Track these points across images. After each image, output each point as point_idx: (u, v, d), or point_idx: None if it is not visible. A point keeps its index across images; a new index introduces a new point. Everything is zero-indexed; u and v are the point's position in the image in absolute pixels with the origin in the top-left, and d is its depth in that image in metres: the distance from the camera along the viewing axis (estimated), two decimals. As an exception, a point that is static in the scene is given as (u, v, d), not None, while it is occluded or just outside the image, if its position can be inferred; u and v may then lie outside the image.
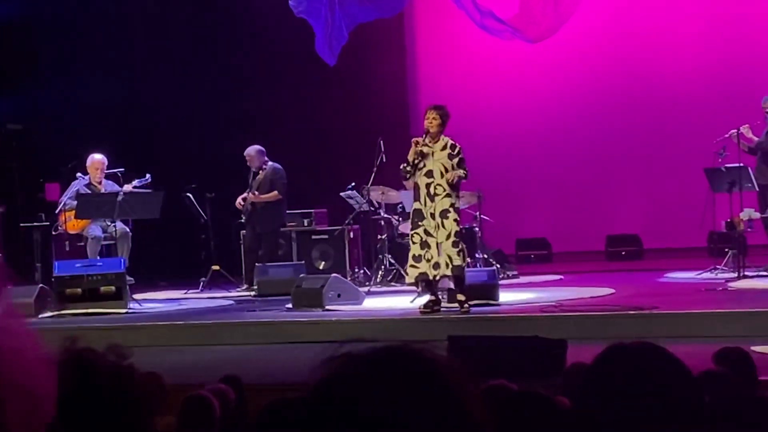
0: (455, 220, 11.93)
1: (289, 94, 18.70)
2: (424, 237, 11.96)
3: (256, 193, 15.99)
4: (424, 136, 12.08)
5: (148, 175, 14.95)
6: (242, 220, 16.33)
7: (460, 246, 11.95)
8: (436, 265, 11.88)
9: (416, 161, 12.00)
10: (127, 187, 14.80)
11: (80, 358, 2.04)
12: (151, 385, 5.49)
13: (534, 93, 19.20)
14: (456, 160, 11.96)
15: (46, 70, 18.22)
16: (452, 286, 12.08)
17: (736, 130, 14.75)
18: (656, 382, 2.68)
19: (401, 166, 12.20)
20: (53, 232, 15.23)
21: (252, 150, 16.18)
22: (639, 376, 2.68)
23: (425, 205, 11.98)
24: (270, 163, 16.19)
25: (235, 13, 18.62)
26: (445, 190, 11.91)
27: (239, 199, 16.18)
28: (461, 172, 11.95)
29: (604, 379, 2.70)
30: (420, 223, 12.02)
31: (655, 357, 2.76)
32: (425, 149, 11.99)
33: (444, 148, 11.99)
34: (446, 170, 11.93)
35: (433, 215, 11.92)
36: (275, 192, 16.07)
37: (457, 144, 12.06)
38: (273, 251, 16.26)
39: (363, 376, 1.88)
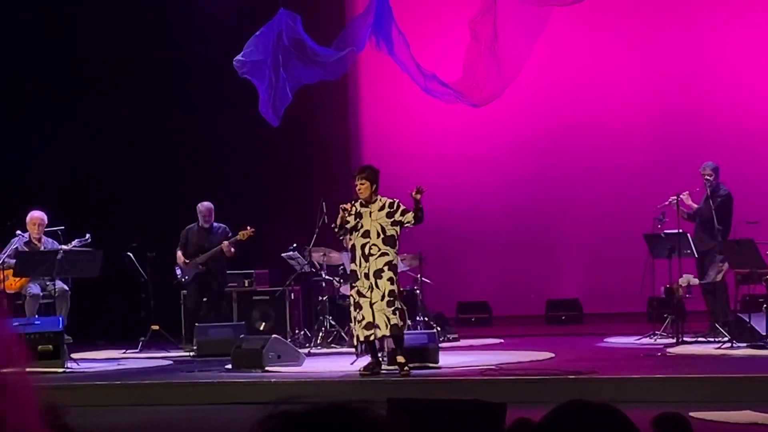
0: (389, 279, 11.84)
1: (232, 154, 18.68)
2: (357, 298, 11.94)
3: (232, 250, 15.95)
4: (354, 201, 12.09)
5: (87, 235, 14.84)
6: (182, 280, 16.21)
7: (396, 305, 11.84)
8: (369, 326, 11.81)
9: (346, 224, 12.00)
10: (67, 247, 14.68)
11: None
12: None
13: (475, 157, 19.29)
14: (398, 213, 11.91)
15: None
16: (393, 345, 12.06)
17: (675, 197, 14.87)
18: None
19: (332, 226, 12.26)
20: (-10, 292, 15.03)
21: (211, 206, 16.21)
22: None
23: (360, 265, 11.95)
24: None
25: (178, 72, 18.62)
26: (380, 250, 11.88)
27: (183, 259, 16.09)
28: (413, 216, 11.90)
29: None
30: (354, 284, 12.02)
31: (611, 418, 2.73)
32: (363, 210, 11.98)
33: (382, 208, 11.96)
34: (383, 230, 11.91)
35: (367, 275, 11.87)
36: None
37: (395, 199, 12.03)
38: (219, 310, 16.19)
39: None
